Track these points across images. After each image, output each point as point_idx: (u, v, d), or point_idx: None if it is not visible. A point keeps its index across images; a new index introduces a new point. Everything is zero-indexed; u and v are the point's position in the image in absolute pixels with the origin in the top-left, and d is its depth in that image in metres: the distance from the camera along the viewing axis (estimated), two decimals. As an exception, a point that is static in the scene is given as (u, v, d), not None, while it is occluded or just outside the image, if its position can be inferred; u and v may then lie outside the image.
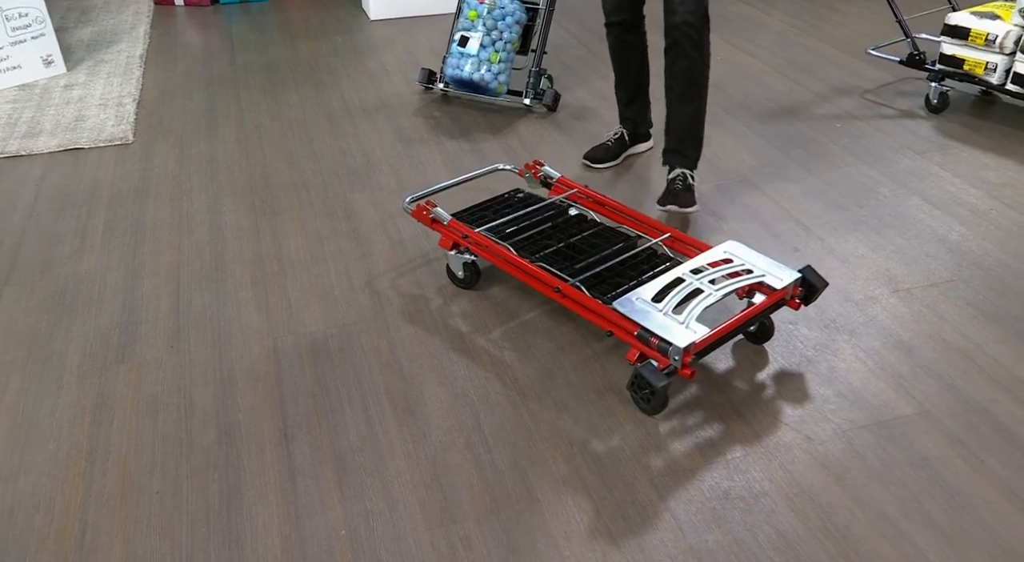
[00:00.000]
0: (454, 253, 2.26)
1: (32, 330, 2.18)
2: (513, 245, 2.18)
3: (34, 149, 3.06)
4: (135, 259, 2.47)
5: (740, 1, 4.71)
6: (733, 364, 2.04)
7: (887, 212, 2.67)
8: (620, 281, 2.05)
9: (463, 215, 2.36)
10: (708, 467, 1.75)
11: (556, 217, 2.36)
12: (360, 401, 1.93)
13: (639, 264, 2.13)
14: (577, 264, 2.12)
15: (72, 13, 4.52)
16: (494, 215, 2.36)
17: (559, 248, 2.20)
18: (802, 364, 2.04)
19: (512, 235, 2.25)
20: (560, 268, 2.09)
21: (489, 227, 2.27)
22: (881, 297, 2.28)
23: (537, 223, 2.32)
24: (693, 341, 1.78)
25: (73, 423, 1.88)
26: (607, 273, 2.09)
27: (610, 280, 2.06)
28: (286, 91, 3.58)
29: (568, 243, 2.22)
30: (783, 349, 2.09)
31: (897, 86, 3.60)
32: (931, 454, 1.79)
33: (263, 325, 2.19)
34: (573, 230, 2.29)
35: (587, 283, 2.03)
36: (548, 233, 2.28)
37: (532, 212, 2.37)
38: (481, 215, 2.37)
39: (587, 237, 2.25)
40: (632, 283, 2.04)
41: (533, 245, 2.21)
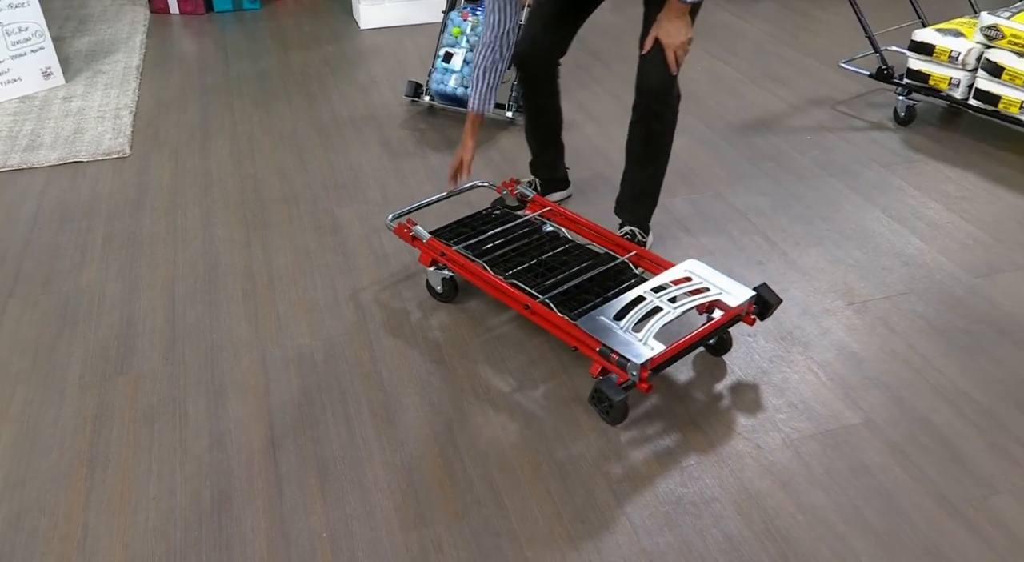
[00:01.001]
0: (433, 269, 2.40)
1: (36, 342, 2.31)
2: (488, 262, 2.30)
3: (35, 162, 3.19)
4: (132, 272, 2.60)
5: (722, 9, 4.83)
6: (693, 375, 2.18)
7: (849, 226, 2.81)
8: (587, 298, 2.17)
9: (441, 232, 2.47)
10: (664, 474, 1.89)
11: (530, 234, 2.48)
12: (342, 411, 2.07)
13: (605, 281, 2.25)
14: (547, 281, 2.24)
15: (70, 22, 4.64)
16: (471, 232, 2.47)
17: (531, 265, 2.32)
18: (757, 375, 2.18)
19: (487, 252, 2.37)
20: (531, 285, 2.21)
21: (466, 245, 2.39)
22: (837, 310, 2.42)
23: (512, 240, 2.44)
24: (650, 357, 1.92)
25: (75, 432, 2.02)
26: (575, 290, 2.21)
27: (577, 297, 2.18)
28: (278, 102, 3.71)
29: (539, 260, 2.34)
30: (741, 361, 2.23)
31: (868, 97, 3.72)
32: (872, 462, 1.93)
33: (253, 338, 2.32)
34: (546, 247, 2.41)
35: (555, 300, 2.15)
36: (522, 250, 2.39)
37: (508, 229, 2.49)
38: (459, 232, 2.48)
39: (558, 254, 2.37)
40: (598, 300, 2.16)
41: (507, 262, 2.33)
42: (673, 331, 2.15)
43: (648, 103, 2.38)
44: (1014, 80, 3.06)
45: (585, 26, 2.57)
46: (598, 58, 4.08)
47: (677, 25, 2.23)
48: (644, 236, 2.61)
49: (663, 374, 2.18)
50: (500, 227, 2.50)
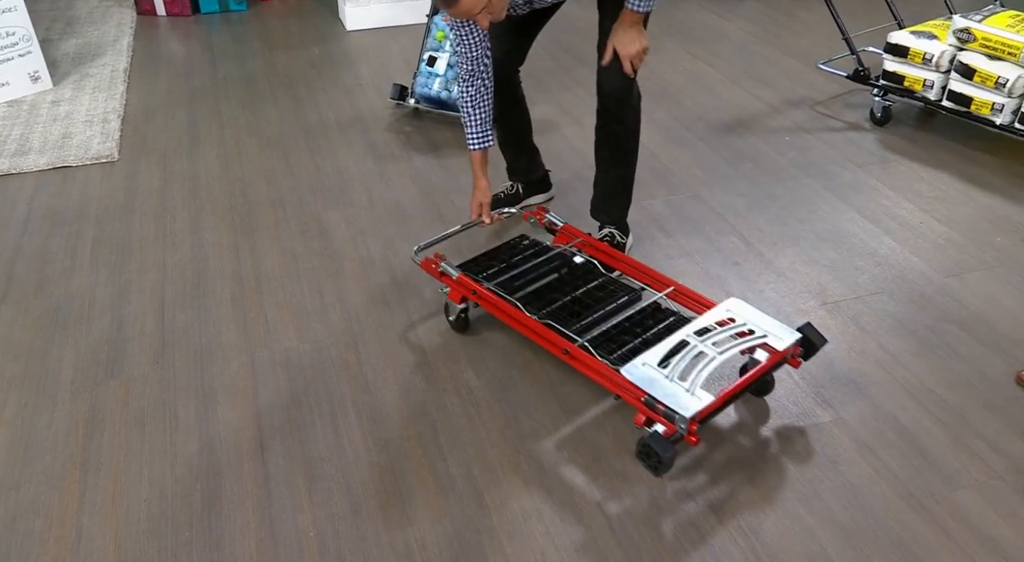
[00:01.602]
0: (461, 306, 2.34)
1: (28, 347, 2.36)
2: (520, 300, 2.24)
3: (24, 167, 3.23)
4: (122, 277, 2.65)
5: (705, 10, 4.89)
6: (670, 375, 2.24)
7: (825, 226, 2.88)
8: (626, 339, 2.11)
9: (470, 266, 2.40)
10: (640, 472, 1.96)
11: (561, 267, 2.41)
12: (329, 413, 2.13)
13: (644, 320, 2.19)
14: (583, 320, 2.18)
15: (57, 24, 4.67)
16: (501, 265, 2.41)
17: (565, 303, 2.25)
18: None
19: (519, 288, 2.31)
20: (567, 326, 2.14)
21: (497, 282, 2.33)
22: (811, 310, 2.49)
23: (544, 274, 2.38)
24: (699, 409, 1.83)
25: (68, 436, 2.07)
26: (613, 331, 2.14)
27: (616, 338, 2.12)
28: (264, 105, 3.75)
29: (574, 297, 2.28)
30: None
31: (846, 98, 3.79)
32: (840, 458, 2.00)
33: (241, 341, 2.37)
34: (579, 282, 2.34)
35: (594, 343, 2.08)
36: (554, 286, 2.33)
37: (539, 263, 2.42)
38: (488, 265, 2.41)
39: (591, 290, 2.31)
40: (637, 342, 2.09)
41: (540, 299, 2.26)
42: (715, 374, 2.16)
43: (608, 107, 2.45)
44: (985, 82, 3.13)
45: (565, 28, 2.63)
46: (578, 59, 4.13)
47: (631, 34, 2.27)
48: (624, 237, 2.67)
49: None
50: (531, 260, 2.43)
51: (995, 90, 3.12)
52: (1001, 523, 1.83)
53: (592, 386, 2.18)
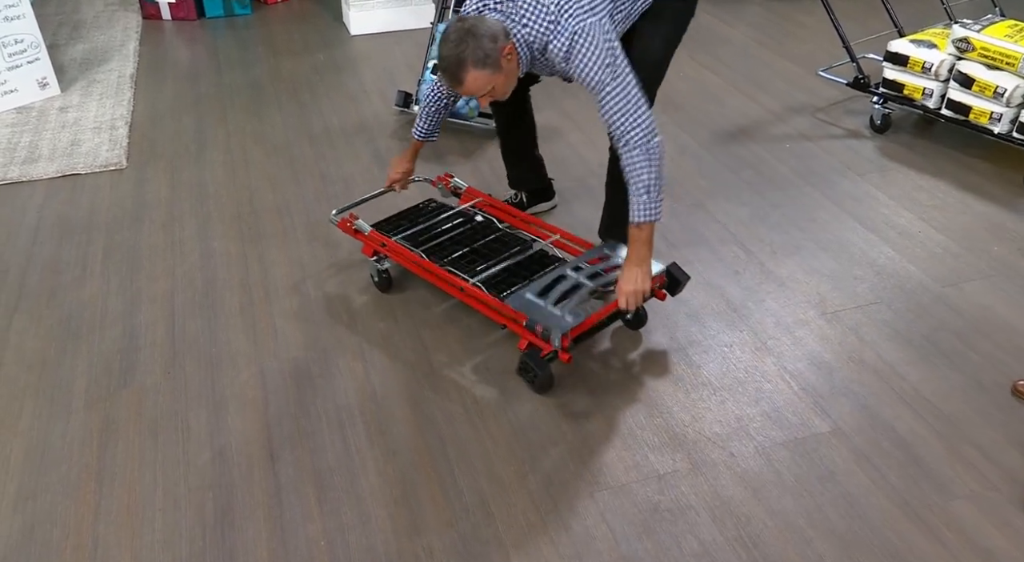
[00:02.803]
0: (373, 260, 2.60)
1: (42, 357, 2.41)
2: (424, 251, 2.52)
3: (34, 175, 3.27)
4: (132, 286, 2.69)
5: (706, 13, 4.92)
6: (672, 386, 2.29)
7: (825, 235, 2.91)
8: (514, 280, 2.41)
9: (382, 225, 2.68)
10: (642, 482, 2.00)
11: (464, 224, 2.70)
12: (337, 423, 2.17)
13: (532, 264, 2.50)
14: (478, 266, 2.46)
15: (64, 28, 4.70)
16: (409, 224, 2.69)
17: (464, 252, 2.54)
18: (733, 386, 2.29)
19: (424, 242, 2.59)
20: (464, 270, 2.42)
21: (404, 236, 2.61)
22: (810, 320, 2.53)
23: (447, 230, 2.66)
24: (570, 327, 2.15)
25: (83, 445, 2.12)
26: (504, 273, 2.45)
27: (507, 280, 2.41)
28: (270, 112, 3.79)
29: (472, 248, 2.57)
30: (718, 371, 2.34)
31: (847, 105, 3.83)
32: (838, 468, 2.04)
33: (251, 351, 2.42)
34: (478, 236, 2.63)
35: (486, 283, 2.37)
36: (456, 239, 2.62)
37: (443, 220, 2.72)
38: (398, 224, 2.70)
39: (489, 242, 2.61)
40: (525, 282, 2.38)
41: (442, 250, 2.55)
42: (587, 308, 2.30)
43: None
44: (984, 91, 3.17)
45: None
46: (584, 65, 4.16)
47: (636, 273, 2.19)
48: None
49: (644, 387, 2.29)
50: (435, 219, 2.72)
51: (993, 99, 3.15)
52: (996, 534, 1.88)
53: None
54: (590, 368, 2.35)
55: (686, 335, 2.47)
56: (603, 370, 2.35)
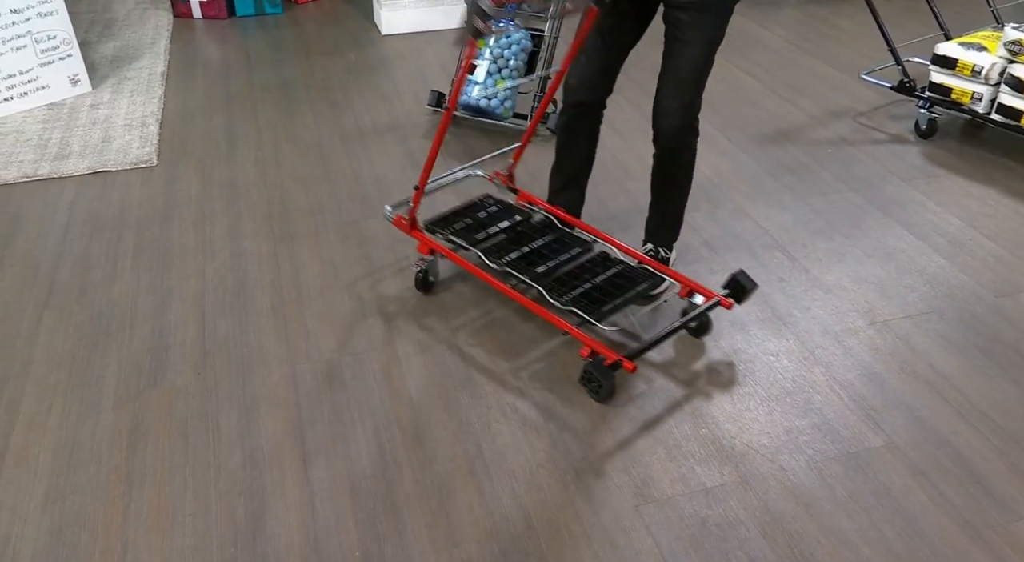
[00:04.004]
0: (429, 260, 2.54)
1: (71, 355, 2.36)
2: (483, 251, 2.46)
3: (64, 172, 3.24)
4: (163, 284, 2.64)
5: (742, 16, 4.83)
6: (718, 395, 2.21)
7: (871, 242, 2.82)
8: (576, 284, 2.34)
9: (438, 222, 2.62)
10: (689, 495, 1.93)
11: (522, 223, 2.63)
12: (372, 428, 2.11)
13: (594, 268, 2.42)
14: (538, 268, 2.40)
15: (95, 27, 4.69)
16: (466, 221, 2.62)
17: (524, 253, 2.48)
18: (781, 396, 2.20)
19: (482, 241, 2.52)
20: (524, 273, 2.37)
21: (461, 233, 2.55)
22: (859, 329, 2.44)
23: (504, 229, 2.59)
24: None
25: (112, 446, 2.07)
26: (565, 277, 2.37)
27: (568, 283, 2.34)
28: (302, 111, 3.75)
29: (532, 248, 2.50)
30: (764, 380, 2.25)
31: (889, 109, 3.73)
32: (894, 484, 1.95)
33: (282, 352, 2.36)
34: (536, 235, 2.56)
35: (547, 287, 2.32)
36: (514, 238, 2.55)
37: (500, 217, 2.65)
38: (454, 221, 2.62)
39: (548, 242, 2.53)
40: (588, 286, 2.33)
41: (500, 250, 2.48)
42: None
43: (665, 144, 2.38)
44: (1037, 96, 3.07)
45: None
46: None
47: None
48: (667, 253, 2.63)
49: (689, 398, 2.21)
50: (493, 215, 2.66)
51: (1047, 104, 3.05)
52: (1063, 556, 1.79)
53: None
54: (632, 376, 2.27)
55: (730, 343, 2.39)
56: (646, 378, 2.27)
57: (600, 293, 2.30)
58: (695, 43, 2.25)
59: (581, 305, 2.25)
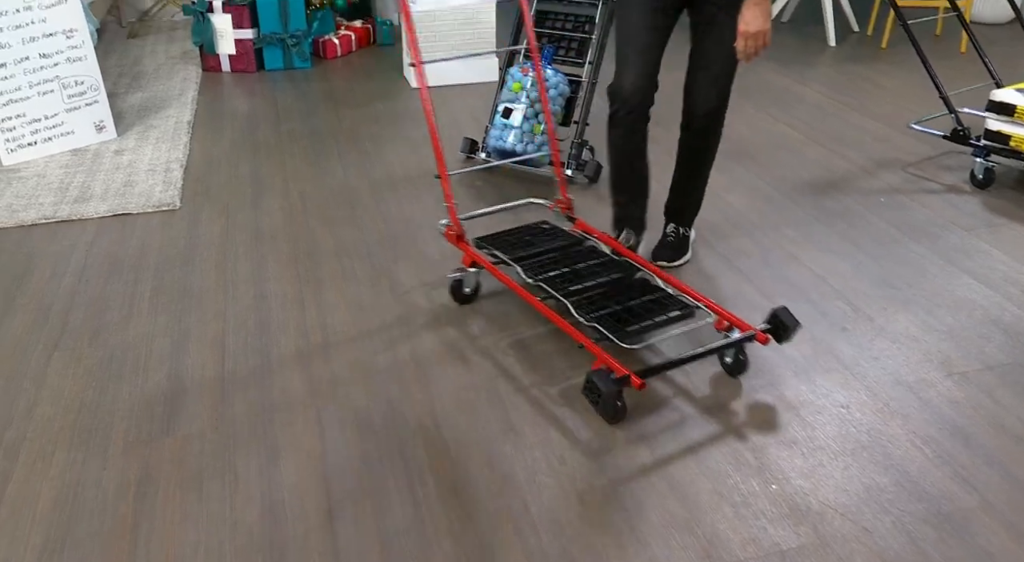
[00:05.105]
0: (472, 271, 2.51)
1: (79, 398, 2.19)
2: (522, 266, 2.42)
3: (84, 214, 3.12)
4: (181, 327, 2.48)
5: (777, 73, 4.75)
6: (788, 450, 2.00)
7: (937, 291, 2.64)
8: (606, 304, 2.25)
9: (487, 238, 2.61)
10: (763, 559, 1.70)
11: (570, 247, 2.56)
12: (405, 479, 1.91)
13: (629, 291, 2.31)
14: (572, 286, 2.33)
15: (124, 79, 4.66)
16: (514, 240, 2.59)
17: (563, 272, 2.40)
18: (857, 451, 1.99)
19: (523, 258, 2.48)
20: (556, 288, 2.31)
21: (505, 248, 2.53)
22: (935, 381, 2.23)
23: (550, 250, 2.53)
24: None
25: (118, 496, 1.87)
26: (598, 296, 2.28)
27: (598, 302, 2.26)
28: (330, 159, 3.64)
29: (572, 269, 2.42)
30: (836, 433, 2.04)
31: (940, 160, 3.58)
32: (995, 549, 1.72)
33: (307, 397, 2.18)
34: (580, 258, 2.48)
35: (575, 302, 2.24)
36: (557, 258, 2.48)
37: (549, 240, 2.59)
38: (504, 238, 2.61)
39: (591, 265, 2.44)
40: (618, 308, 2.23)
41: (540, 267, 2.43)
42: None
43: (695, 126, 2.52)
44: (1104, 141, 2.91)
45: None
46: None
47: (756, 12, 2.21)
48: (687, 231, 2.77)
49: (757, 449, 2.00)
50: (544, 238, 2.61)
51: (1115, 150, 2.89)
52: None
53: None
54: (690, 423, 2.07)
55: (795, 394, 2.18)
56: (704, 427, 2.06)
57: (629, 315, 2.20)
58: (729, 34, 2.32)
59: (605, 323, 2.17)
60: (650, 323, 2.18)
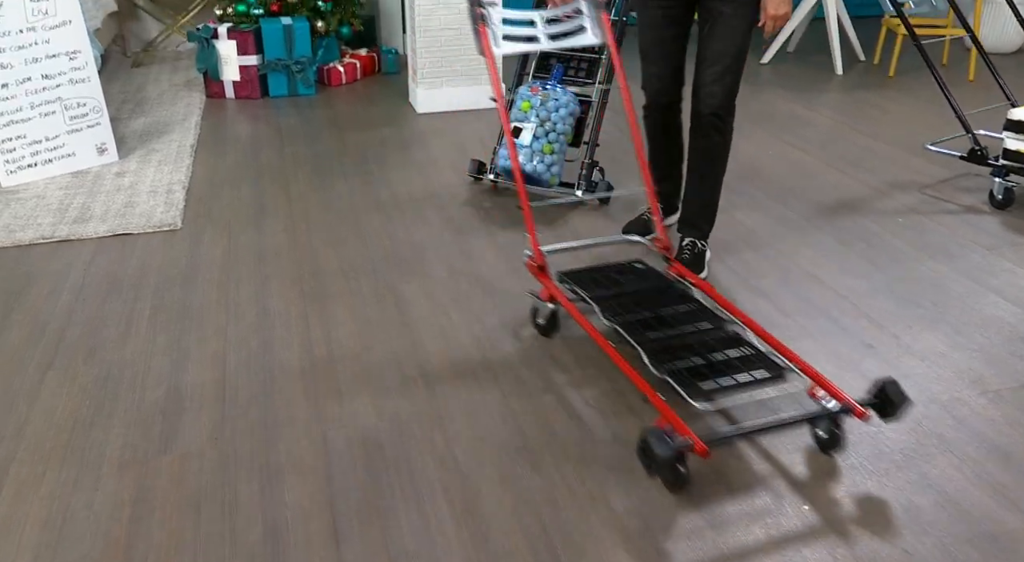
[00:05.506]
0: (549, 306, 2.36)
1: (73, 417, 2.09)
2: (601, 306, 2.21)
3: (83, 234, 3.05)
4: (181, 345, 2.39)
5: (784, 100, 4.72)
6: (817, 472, 1.89)
7: (964, 309, 2.55)
8: (686, 355, 2.00)
9: (571, 273, 2.42)
10: (800, 583, 1.59)
11: (658, 289, 2.33)
12: (415, 499, 1.80)
13: (715, 345, 2.04)
14: (652, 333, 2.09)
15: (127, 105, 4.62)
16: (600, 278, 2.39)
17: (645, 317, 2.17)
18: (891, 471, 1.89)
19: (605, 297, 2.27)
20: (633, 334, 2.08)
21: (586, 285, 2.33)
22: (969, 399, 2.14)
23: (636, 291, 2.32)
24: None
25: (111, 517, 1.77)
26: (678, 347, 2.03)
27: (677, 353, 2.01)
28: (334, 181, 3.58)
29: (657, 314, 2.18)
30: (869, 453, 1.94)
31: (956, 182, 3.52)
32: (1047, 574, 1.61)
33: (312, 416, 2.08)
34: (668, 303, 2.25)
35: (650, 351, 2.01)
36: (641, 301, 2.26)
37: (638, 280, 2.38)
38: (589, 275, 2.41)
39: (679, 312, 2.20)
40: (698, 361, 1.97)
41: (620, 309, 2.21)
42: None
43: (707, 124, 2.55)
44: None
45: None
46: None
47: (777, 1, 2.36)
48: (704, 246, 2.75)
49: (783, 473, 1.90)
50: (633, 278, 2.40)
51: None
52: None
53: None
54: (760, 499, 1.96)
55: (823, 411, 2.08)
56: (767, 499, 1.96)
57: (709, 370, 1.94)
58: (737, 30, 2.45)
59: (679, 377, 1.91)
60: (731, 382, 1.90)
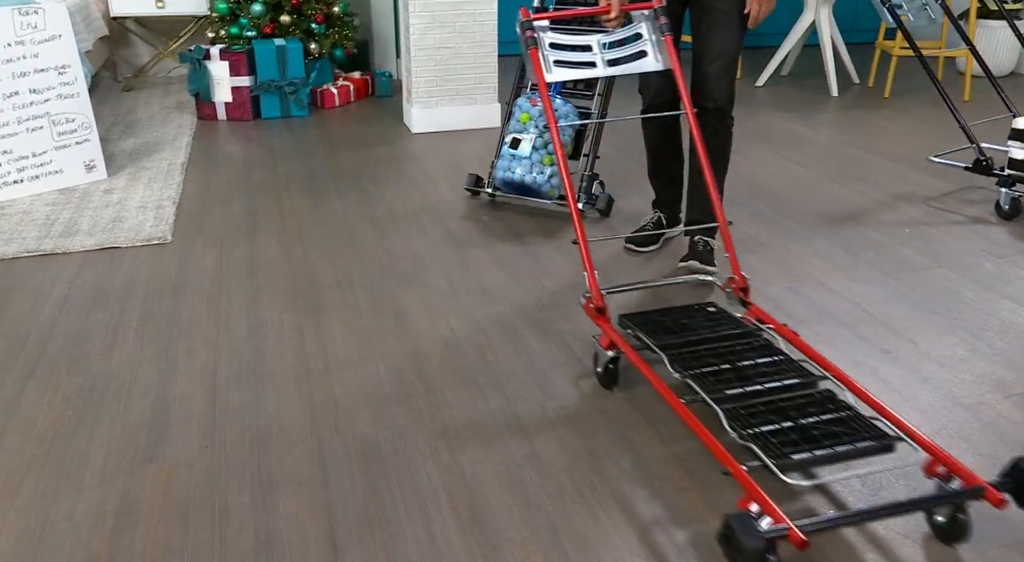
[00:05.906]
0: (609, 354, 2.08)
1: (54, 427, 1.97)
2: (670, 356, 1.95)
3: (69, 248, 2.95)
4: (169, 355, 2.28)
5: (783, 120, 4.69)
6: (847, 494, 1.80)
7: (979, 315, 2.47)
8: (773, 419, 1.72)
9: (634, 316, 2.16)
10: (832, 590, 1.49)
11: (736, 337, 2.06)
12: (418, 509, 1.70)
13: (807, 406, 1.77)
14: (731, 389, 1.83)
15: (117, 126, 4.55)
16: (668, 323, 2.12)
17: (721, 369, 1.90)
18: (918, 474, 1.79)
19: (674, 346, 2.01)
20: (709, 390, 1.81)
21: (652, 332, 2.07)
22: (993, 403, 2.05)
23: (710, 339, 2.05)
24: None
25: (92, 529, 1.65)
26: (763, 407, 1.76)
27: (762, 415, 1.74)
28: (328, 197, 3.50)
29: (734, 366, 1.91)
30: (892, 456, 1.84)
31: (960, 194, 3.47)
32: (1094, 579, 1.51)
33: (307, 425, 1.97)
34: (747, 354, 1.97)
35: (730, 412, 1.74)
36: (717, 352, 1.98)
37: (711, 327, 2.10)
38: (654, 319, 2.15)
39: (760, 364, 1.92)
40: (787, 425, 1.70)
41: (693, 359, 1.94)
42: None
43: (711, 119, 2.55)
44: None
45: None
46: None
47: None
48: (714, 243, 2.72)
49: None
50: (705, 323, 2.12)
51: None
52: None
53: (747, 482, 1.74)
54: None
55: (843, 416, 1.99)
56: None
57: (801, 437, 1.66)
58: (733, 25, 2.47)
59: (765, 443, 1.64)
60: (829, 452, 1.63)
